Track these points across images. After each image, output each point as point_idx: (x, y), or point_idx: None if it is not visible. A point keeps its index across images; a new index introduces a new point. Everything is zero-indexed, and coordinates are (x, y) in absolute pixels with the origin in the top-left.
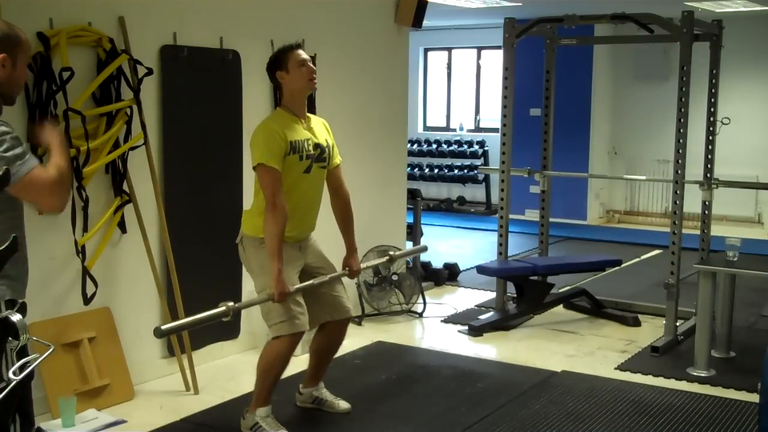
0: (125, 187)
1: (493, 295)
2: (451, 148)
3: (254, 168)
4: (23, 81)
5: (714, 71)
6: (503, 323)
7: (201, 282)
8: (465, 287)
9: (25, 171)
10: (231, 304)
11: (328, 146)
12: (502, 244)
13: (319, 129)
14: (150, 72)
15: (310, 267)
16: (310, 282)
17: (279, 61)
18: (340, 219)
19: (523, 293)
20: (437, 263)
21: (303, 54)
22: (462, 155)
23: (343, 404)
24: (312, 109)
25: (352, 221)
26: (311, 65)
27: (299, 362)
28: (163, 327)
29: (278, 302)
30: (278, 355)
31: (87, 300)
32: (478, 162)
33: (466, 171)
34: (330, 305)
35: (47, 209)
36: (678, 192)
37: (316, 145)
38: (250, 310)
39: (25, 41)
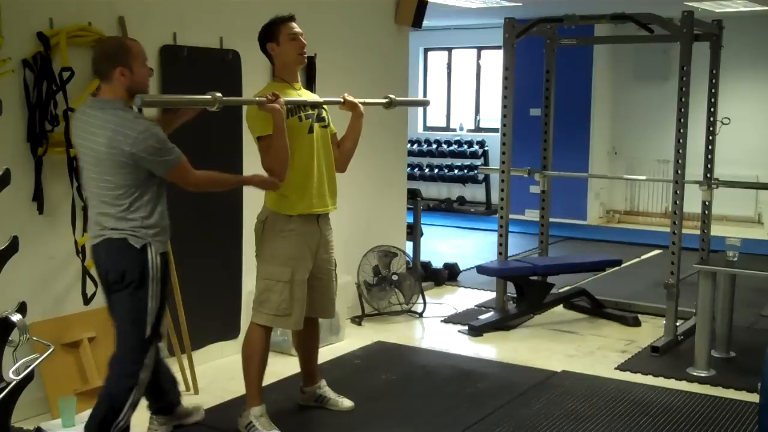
0: None
1: (493, 295)
2: (451, 148)
3: (257, 141)
4: (146, 80)
5: (714, 71)
6: (503, 323)
7: (201, 282)
8: (465, 287)
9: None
10: (218, 95)
11: (325, 109)
12: (502, 244)
13: (312, 97)
14: (150, 72)
15: (319, 257)
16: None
17: (270, 33)
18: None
19: (523, 293)
20: (437, 263)
21: (295, 27)
22: (462, 155)
23: (347, 402)
24: None
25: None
26: (302, 39)
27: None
28: (145, 97)
29: (268, 108)
30: (252, 346)
31: (87, 300)
32: (478, 162)
33: (466, 171)
34: (319, 304)
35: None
36: (678, 192)
37: (312, 106)
38: (250, 310)
39: (133, 47)
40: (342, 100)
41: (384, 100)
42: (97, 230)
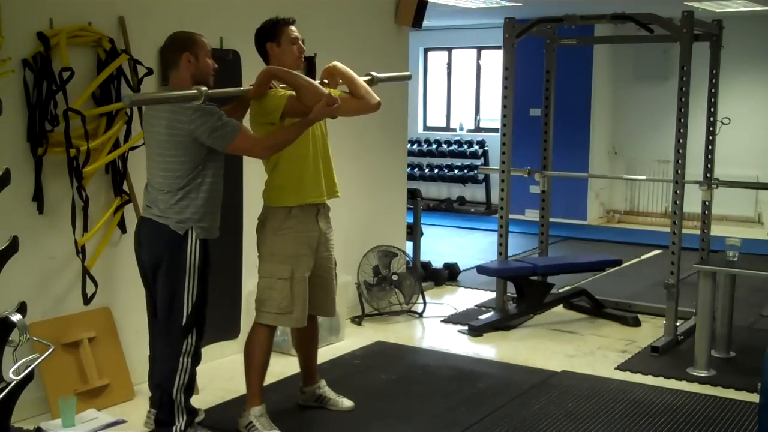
0: (125, 187)
1: (493, 295)
2: (451, 148)
3: (281, 121)
4: (209, 70)
5: (714, 71)
6: (503, 323)
7: None
8: (465, 287)
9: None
10: (204, 88)
11: None
12: (502, 244)
13: None
14: (150, 72)
15: (320, 255)
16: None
17: (271, 33)
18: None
19: (523, 293)
20: (437, 263)
21: (296, 32)
22: (462, 155)
23: (347, 402)
24: None
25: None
26: (302, 44)
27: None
28: (132, 96)
29: (260, 77)
30: (255, 346)
31: (87, 300)
32: (478, 162)
33: (466, 171)
34: (321, 302)
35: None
36: (678, 192)
37: None
38: (250, 310)
39: (199, 39)
40: (325, 81)
41: (366, 78)
42: (146, 208)
